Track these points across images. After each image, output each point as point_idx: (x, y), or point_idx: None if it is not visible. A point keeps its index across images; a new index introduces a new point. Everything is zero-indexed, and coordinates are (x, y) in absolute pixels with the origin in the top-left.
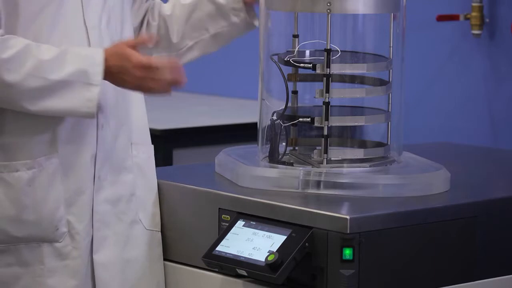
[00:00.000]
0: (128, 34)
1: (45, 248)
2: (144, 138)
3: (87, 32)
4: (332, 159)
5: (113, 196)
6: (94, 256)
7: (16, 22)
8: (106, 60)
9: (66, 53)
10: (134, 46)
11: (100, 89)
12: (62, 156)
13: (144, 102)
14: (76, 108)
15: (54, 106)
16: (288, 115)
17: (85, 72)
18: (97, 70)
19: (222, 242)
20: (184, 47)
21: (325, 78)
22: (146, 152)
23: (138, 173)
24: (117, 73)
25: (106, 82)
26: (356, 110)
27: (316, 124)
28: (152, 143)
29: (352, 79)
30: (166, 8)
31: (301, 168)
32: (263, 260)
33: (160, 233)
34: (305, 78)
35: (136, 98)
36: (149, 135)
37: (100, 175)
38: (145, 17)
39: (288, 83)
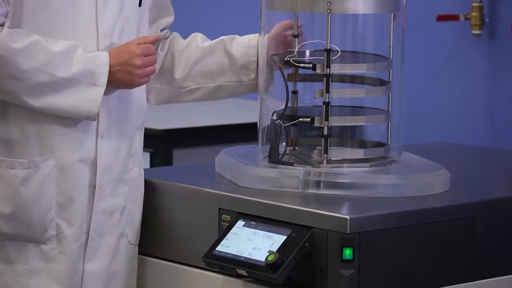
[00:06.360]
0: None
1: (31, 249)
2: (139, 150)
3: (98, 40)
4: (332, 159)
5: (111, 208)
6: (86, 265)
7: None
8: (110, 62)
9: (75, 50)
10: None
11: (103, 90)
12: (58, 159)
13: (145, 113)
14: (79, 106)
15: (57, 103)
16: (288, 115)
17: (91, 72)
18: (103, 71)
19: (222, 242)
20: (186, 87)
21: (325, 78)
22: (138, 164)
23: (131, 186)
24: (120, 71)
25: (112, 90)
26: (356, 110)
27: (316, 124)
28: (152, 143)
29: (352, 79)
30: (181, 44)
31: (301, 168)
32: (263, 260)
33: (137, 246)
34: (305, 78)
35: (138, 110)
36: (142, 146)
37: (101, 185)
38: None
39: (288, 83)
